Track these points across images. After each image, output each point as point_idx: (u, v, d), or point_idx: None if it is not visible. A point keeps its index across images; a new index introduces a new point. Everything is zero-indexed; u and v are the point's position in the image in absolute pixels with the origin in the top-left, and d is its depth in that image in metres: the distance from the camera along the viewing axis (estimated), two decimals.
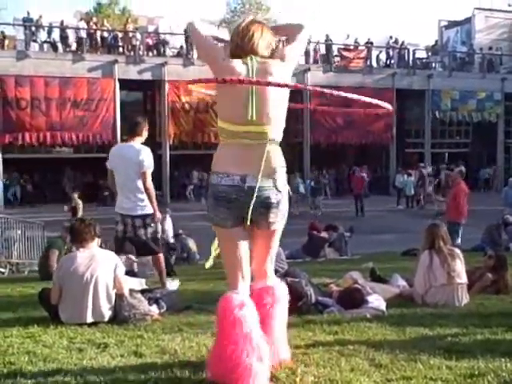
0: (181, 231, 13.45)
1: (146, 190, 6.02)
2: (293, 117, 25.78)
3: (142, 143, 6.25)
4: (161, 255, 6.34)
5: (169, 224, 14.10)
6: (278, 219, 3.16)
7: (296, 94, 27.71)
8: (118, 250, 6.22)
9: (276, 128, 3.08)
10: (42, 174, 27.99)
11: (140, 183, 6.01)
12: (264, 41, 3.10)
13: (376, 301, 5.62)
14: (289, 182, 3.55)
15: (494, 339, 4.21)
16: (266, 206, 3.06)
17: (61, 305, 4.84)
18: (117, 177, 6.19)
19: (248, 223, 3.08)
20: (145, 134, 6.30)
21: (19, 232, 13.72)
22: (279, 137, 3.13)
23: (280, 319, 3.33)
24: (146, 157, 6.04)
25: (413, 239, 10.74)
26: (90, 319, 4.76)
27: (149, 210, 6.09)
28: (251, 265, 3.24)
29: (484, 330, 4.52)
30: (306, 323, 4.75)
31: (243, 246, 3.17)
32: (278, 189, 3.08)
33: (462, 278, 6.07)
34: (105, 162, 6.38)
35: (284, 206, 3.15)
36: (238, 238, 3.15)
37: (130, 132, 6.35)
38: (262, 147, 3.03)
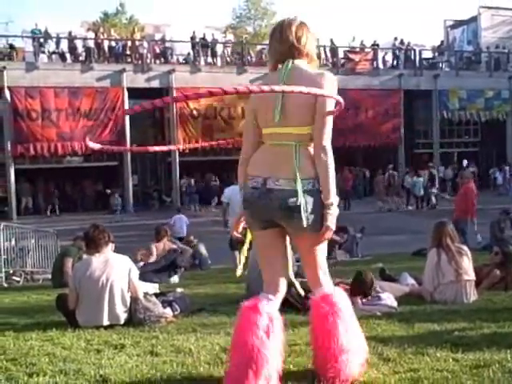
0: (192, 237, 13.57)
1: None
2: None
3: None
4: None
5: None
6: (305, 224, 2.93)
7: None
8: (234, 248, 10.03)
9: (302, 130, 3.01)
10: (53, 184, 28.21)
11: None
12: (303, 43, 3.07)
13: (388, 299, 5.73)
14: None
15: (501, 333, 4.29)
16: (287, 209, 2.95)
17: (78, 309, 4.98)
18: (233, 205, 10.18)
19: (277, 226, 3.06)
20: None
21: (33, 241, 13.88)
22: (306, 139, 3.02)
23: (344, 328, 3.04)
24: None
25: (423, 239, 10.76)
26: (106, 322, 4.90)
27: None
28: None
29: (491, 324, 4.60)
30: None
31: (270, 250, 3.13)
32: (301, 192, 2.93)
33: (470, 275, 6.16)
34: (115, 171, 6.67)
35: (309, 210, 2.94)
36: (265, 242, 3.12)
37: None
38: (286, 149, 3.00)
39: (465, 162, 30.15)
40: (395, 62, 31.99)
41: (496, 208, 15.00)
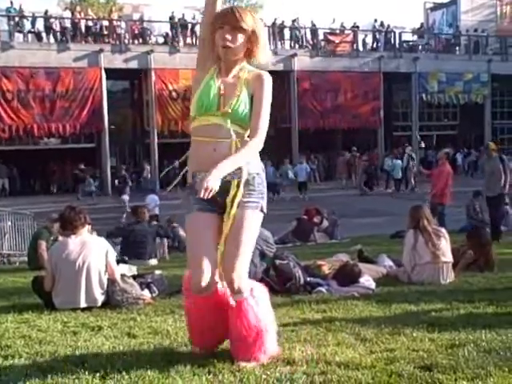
0: (174, 220, 13.48)
1: None
2: (280, 102, 25.80)
3: None
4: None
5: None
6: None
7: (283, 79, 27.59)
8: None
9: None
10: (30, 166, 27.85)
11: None
12: None
13: (366, 282, 5.77)
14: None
15: (476, 313, 4.35)
16: None
17: (54, 291, 4.93)
18: None
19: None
20: None
21: (9, 223, 13.73)
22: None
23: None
24: None
25: (402, 222, 10.82)
26: (83, 304, 4.86)
27: None
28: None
29: (467, 304, 4.66)
30: (295, 303, 4.87)
31: None
32: None
33: (447, 257, 6.21)
34: (93, 153, 6.61)
35: None
36: None
37: None
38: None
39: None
40: (375, 45, 31.99)
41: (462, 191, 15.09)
